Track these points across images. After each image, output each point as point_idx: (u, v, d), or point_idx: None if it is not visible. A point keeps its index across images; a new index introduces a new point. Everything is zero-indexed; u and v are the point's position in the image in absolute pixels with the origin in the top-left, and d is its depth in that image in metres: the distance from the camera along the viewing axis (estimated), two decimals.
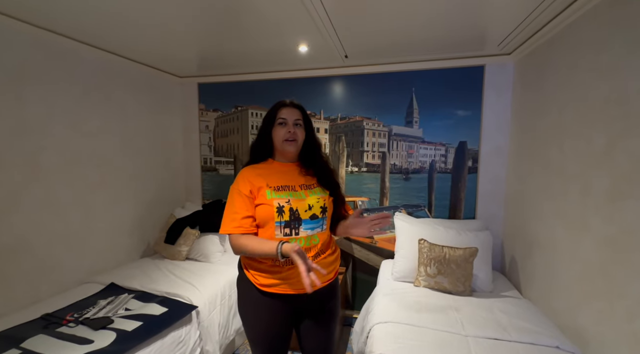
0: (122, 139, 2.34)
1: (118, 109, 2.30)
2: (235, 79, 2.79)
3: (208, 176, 3.00)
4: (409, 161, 2.41)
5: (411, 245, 2.00)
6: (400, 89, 2.37)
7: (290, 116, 1.18)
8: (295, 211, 1.12)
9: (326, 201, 1.18)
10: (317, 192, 1.19)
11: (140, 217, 2.54)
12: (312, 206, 1.15)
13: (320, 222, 1.18)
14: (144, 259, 2.45)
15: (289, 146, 1.18)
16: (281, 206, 1.12)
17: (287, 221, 1.11)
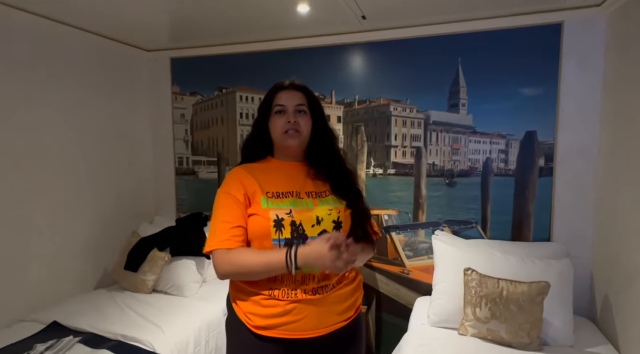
0: (69, 133, 2.39)
1: (63, 93, 2.34)
2: (218, 51, 2.83)
3: (184, 181, 3.06)
4: (454, 159, 2.41)
5: (455, 277, 1.99)
6: (440, 60, 2.35)
7: (290, 101, 1.19)
8: (299, 226, 1.11)
9: (341, 214, 1.18)
10: (329, 202, 1.19)
11: (94, 235, 2.60)
12: (321, 220, 1.14)
13: None
14: (98, 290, 2.49)
15: (290, 139, 1.18)
16: (280, 218, 1.10)
17: (287, 239, 1.10)
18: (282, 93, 1.21)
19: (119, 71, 2.77)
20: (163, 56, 2.97)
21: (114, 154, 2.75)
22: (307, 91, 1.23)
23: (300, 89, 1.23)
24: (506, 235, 2.29)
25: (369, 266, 2.57)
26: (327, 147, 1.25)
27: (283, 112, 1.20)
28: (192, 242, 2.56)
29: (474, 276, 1.89)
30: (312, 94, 1.24)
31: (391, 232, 2.50)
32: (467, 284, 1.88)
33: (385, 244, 2.53)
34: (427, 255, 2.43)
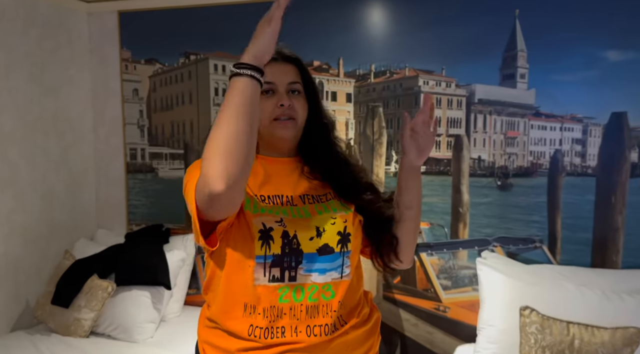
0: None
1: None
2: (185, 2, 2.74)
3: (139, 181, 2.98)
4: (508, 152, 2.37)
5: (509, 318, 1.95)
6: (490, 13, 2.29)
7: (281, 77, 1.19)
8: (293, 239, 1.12)
9: (349, 223, 1.19)
10: (331, 208, 1.21)
11: (11, 256, 2.52)
12: (322, 231, 1.15)
13: (339, 261, 1.17)
14: (16, 333, 2.41)
15: (283, 129, 1.18)
16: (268, 228, 1.11)
17: (277, 256, 1.11)
18: (268, 66, 1.14)
19: (49, 31, 2.68)
20: (108, 9, 2.89)
21: (40, 144, 2.66)
22: (300, 63, 1.24)
23: (293, 61, 1.23)
24: (584, 259, 2.24)
25: (390, 300, 2.53)
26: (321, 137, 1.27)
27: (272, 92, 1.18)
28: (147, 267, 2.49)
29: (533, 318, 1.86)
30: (305, 67, 1.25)
31: (420, 252, 2.46)
32: (525, 329, 1.86)
33: (412, 269, 2.49)
34: (471, 286, 2.38)
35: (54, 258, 2.68)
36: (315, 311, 1.13)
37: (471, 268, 2.36)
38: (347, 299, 1.18)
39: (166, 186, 2.93)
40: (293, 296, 1.11)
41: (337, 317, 1.16)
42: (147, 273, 2.44)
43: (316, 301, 1.13)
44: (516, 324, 1.89)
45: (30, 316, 2.55)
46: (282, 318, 1.11)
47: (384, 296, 2.51)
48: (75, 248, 2.67)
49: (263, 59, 0.97)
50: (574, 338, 1.77)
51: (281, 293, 1.11)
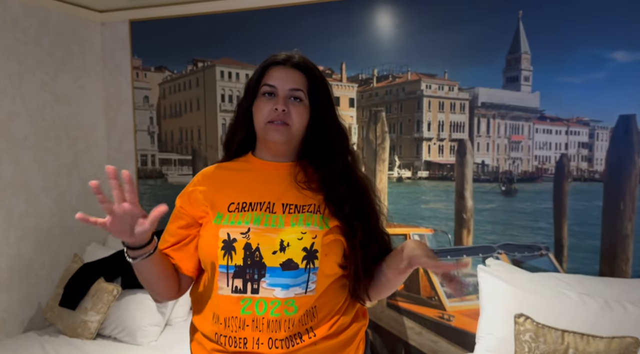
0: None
1: None
2: (193, 10, 2.78)
3: (149, 187, 3.03)
4: (512, 157, 2.34)
5: (507, 325, 1.94)
6: (491, 15, 2.27)
7: (283, 83, 1.20)
8: (255, 251, 1.13)
9: (318, 239, 1.16)
10: (305, 221, 1.18)
11: (24, 259, 2.58)
12: (286, 245, 1.14)
13: (303, 277, 1.16)
14: (27, 334, 2.47)
15: (274, 132, 1.19)
16: (232, 238, 1.13)
17: (239, 267, 1.12)
18: (274, 70, 1.22)
19: (62, 40, 2.76)
20: (120, 18, 2.96)
21: (52, 150, 2.73)
22: (309, 72, 1.23)
23: (301, 68, 1.22)
24: (592, 268, 2.20)
25: (394, 307, 2.51)
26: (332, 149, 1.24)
27: (272, 95, 1.20)
28: None
29: (527, 326, 1.84)
30: (316, 76, 1.23)
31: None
32: (519, 338, 1.85)
33: (416, 276, 2.46)
34: (476, 294, 2.29)
35: (64, 261, 2.74)
36: (277, 325, 1.13)
37: (475, 276, 2.27)
38: (316, 311, 1.17)
39: (175, 192, 2.87)
40: (256, 309, 1.12)
41: (304, 329, 1.15)
42: None
43: (278, 315, 1.12)
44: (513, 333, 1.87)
45: (41, 318, 2.61)
46: (244, 329, 1.12)
47: (388, 304, 2.49)
48: (86, 252, 2.72)
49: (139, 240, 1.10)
50: (568, 347, 1.74)
51: (244, 304, 1.12)
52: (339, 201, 1.20)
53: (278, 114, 1.16)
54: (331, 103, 1.25)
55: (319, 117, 1.22)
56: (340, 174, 1.22)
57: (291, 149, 1.23)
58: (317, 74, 1.23)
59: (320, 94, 1.22)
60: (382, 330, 2.49)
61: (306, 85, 1.20)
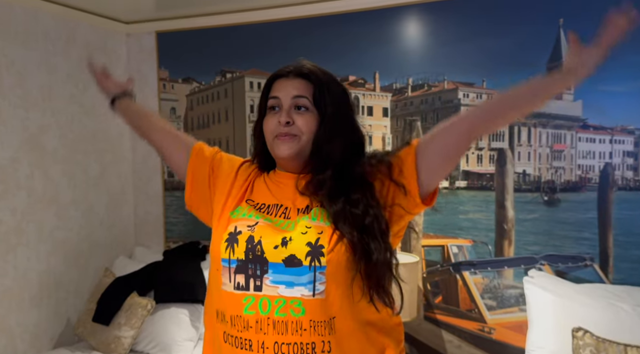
0: (22, 136, 2.42)
1: (14, 84, 2.38)
2: (221, 21, 2.79)
3: (176, 199, 3.01)
4: (555, 166, 2.31)
5: (560, 340, 1.88)
6: (531, 23, 2.25)
7: (287, 93, 1.16)
8: (257, 245, 1.09)
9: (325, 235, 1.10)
10: (312, 216, 1.13)
11: (53, 273, 2.57)
12: (287, 240, 1.09)
13: (309, 276, 1.09)
14: (58, 350, 2.45)
15: (281, 147, 1.15)
16: (237, 231, 1.12)
17: (240, 261, 1.09)
18: (278, 82, 1.19)
19: (90, 51, 2.76)
20: (147, 30, 2.97)
21: (81, 164, 2.74)
22: (314, 78, 1.18)
23: (305, 76, 1.18)
24: (639, 278, 2.15)
25: (432, 320, 2.47)
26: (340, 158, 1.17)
27: (278, 109, 1.16)
28: (185, 284, 2.51)
29: (587, 340, 1.79)
30: (322, 81, 1.18)
31: (463, 271, 2.40)
32: (578, 352, 1.79)
33: (455, 288, 2.43)
34: (517, 306, 2.30)
35: (93, 275, 2.73)
36: (284, 327, 1.07)
37: (517, 288, 2.29)
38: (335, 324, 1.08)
39: None
40: (259, 308, 1.07)
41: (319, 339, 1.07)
42: (186, 290, 2.46)
43: (284, 316, 1.06)
44: (568, 347, 1.81)
45: (71, 334, 2.59)
46: (249, 331, 1.07)
47: (425, 317, 2.45)
48: (115, 266, 2.71)
49: None
50: None
51: (246, 303, 1.07)
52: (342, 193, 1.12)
53: (282, 128, 1.12)
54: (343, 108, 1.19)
55: (327, 125, 1.16)
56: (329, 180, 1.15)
57: (303, 162, 1.18)
58: (324, 78, 1.18)
59: (327, 99, 1.16)
60: (419, 344, 2.45)
61: (311, 92, 1.15)
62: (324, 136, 1.15)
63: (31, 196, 2.44)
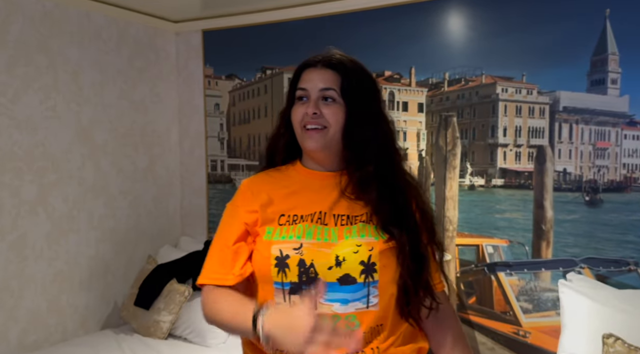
0: (77, 128, 2.55)
1: (69, 80, 2.51)
2: (264, 19, 2.82)
3: (218, 192, 3.08)
4: (598, 165, 2.21)
5: (592, 345, 1.80)
6: (575, 14, 2.16)
7: (314, 84, 1.16)
8: (310, 268, 1.09)
9: (376, 251, 1.11)
10: (359, 233, 1.13)
11: (103, 259, 2.69)
12: (342, 260, 1.10)
13: (363, 292, 1.12)
14: (104, 332, 2.56)
15: (309, 139, 1.15)
16: (284, 255, 1.10)
17: (294, 284, 1.10)
18: (306, 72, 1.20)
19: (139, 51, 2.87)
20: (193, 28, 3.04)
21: (130, 156, 2.84)
22: (342, 68, 1.18)
23: (333, 67, 1.18)
24: None
25: (465, 321, 2.41)
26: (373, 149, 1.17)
27: (305, 99, 1.17)
28: None
29: (618, 347, 1.70)
30: (350, 72, 1.18)
31: (498, 272, 2.34)
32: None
33: (489, 289, 2.36)
34: (554, 310, 2.22)
35: (139, 262, 2.83)
36: None
37: (555, 291, 2.18)
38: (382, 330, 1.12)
39: None
40: None
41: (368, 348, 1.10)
42: None
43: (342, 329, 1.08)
44: None
45: (117, 316, 2.71)
46: None
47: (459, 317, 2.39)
48: (160, 254, 2.79)
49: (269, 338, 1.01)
50: None
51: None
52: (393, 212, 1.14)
53: (310, 118, 1.13)
54: (371, 99, 1.18)
55: (354, 116, 1.15)
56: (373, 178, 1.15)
57: (333, 155, 1.18)
58: (352, 69, 1.17)
59: (355, 90, 1.15)
60: None
61: (339, 83, 1.15)
62: (353, 127, 1.15)
63: (82, 186, 2.56)
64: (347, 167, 1.19)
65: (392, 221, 1.13)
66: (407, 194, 1.17)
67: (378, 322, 1.12)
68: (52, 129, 2.41)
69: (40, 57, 2.35)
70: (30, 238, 2.34)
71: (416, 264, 1.12)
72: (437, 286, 1.20)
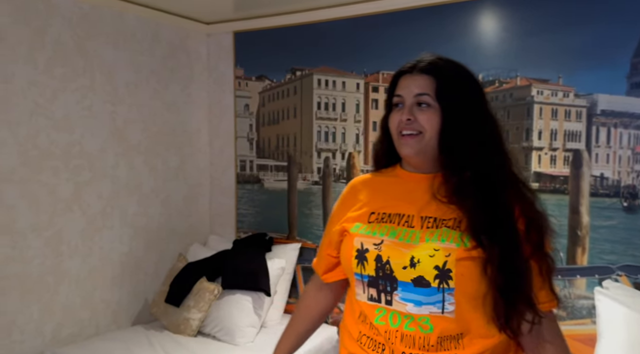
0: (111, 128, 2.59)
1: (105, 81, 2.56)
2: (294, 21, 2.82)
3: (247, 192, 3.11)
4: (636, 170, 2.15)
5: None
6: (614, 15, 2.10)
7: (409, 90, 1.15)
8: (386, 264, 1.11)
9: (452, 259, 1.06)
10: (441, 237, 1.10)
11: (134, 256, 2.73)
12: (416, 262, 1.08)
13: (437, 297, 1.08)
14: (135, 327, 2.60)
15: (405, 147, 1.15)
16: (364, 248, 1.14)
17: (371, 277, 1.13)
18: (402, 79, 1.19)
19: (172, 52, 2.91)
20: (225, 30, 3.06)
21: (162, 155, 2.88)
22: (437, 72, 1.15)
23: (428, 71, 1.15)
24: None
25: None
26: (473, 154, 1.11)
27: (402, 105, 1.17)
28: (249, 272, 2.56)
29: None
30: (445, 75, 1.14)
31: None
32: None
33: None
34: (590, 318, 2.18)
35: (170, 260, 2.86)
36: (412, 340, 1.08)
37: (590, 298, 2.13)
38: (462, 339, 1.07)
39: (270, 197, 3.01)
40: (390, 320, 1.10)
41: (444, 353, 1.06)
42: (249, 279, 2.52)
43: (412, 330, 1.08)
44: None
45: (147, 313, 2.74)
46: (380, 337, 1.11)
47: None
48: (189, 252, 2.82)
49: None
50: None
51: (378, 314, 1.11)
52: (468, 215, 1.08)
53: (404, 125, 1.13)
54: (470, 101, 1.12)
55: (451, 119, 1.11)
56: (470, 184, 1.09)
57: (429, 159, 1.15)
58: (448, 72, 1.13)
59: (451, 93, 1.11)
60: None
61: (434, 88, 1.12)
62: (449, 131, 1.12)
63: (115, 184, 2.60)
64: (443, 171, 1.15)
65: (484, 230, 1.06)
66: (510, 201, 1.09)
67: (456, 330, 1.08)
68: (88, 128, 2.46)
69: (77, 58, 2.39)
70: (66, 235, 2.38)
71: (507, 278, 1.04)
72: (542, 305, 1.07)
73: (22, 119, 2.19)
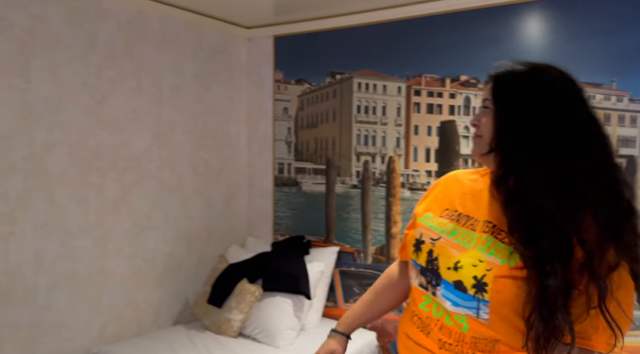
0: (155, 130, 2.62)
1: (150, 84, 2.59)
2: (334, 25, 2.81)
3: (284, 194, 3.10)
4: None
5: None
6: None
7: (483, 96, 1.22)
8: (434, 260, 1.15)
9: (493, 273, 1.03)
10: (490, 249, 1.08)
11: (176, 257, 2.75)
12: (459, 267, 1.10)
13: (473, 303, 1.08)
14: (176, 327, 2.62)
15: (473, 147, 1.22)
16: (421, 240, 1.20)
17: (422, 267, 1.19)
18: None
19: (213, 55, 2.93)
20: (265, 34, 3.07)
21: (203, 158, 2.90)
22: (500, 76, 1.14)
23: (492, 78, 1.16)
24: None
25: None
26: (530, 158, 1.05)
27: None
28: (290, 275, 2.56)
29: None
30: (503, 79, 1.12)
31: None
32: None
33: None
34: None
35: (210, 261, 2.88)
36: (448, 332, 1.11)
37: None
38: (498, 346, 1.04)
39: (308, 200, 3.00)
40: (433, 310, 1.14)
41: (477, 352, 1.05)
42: (290, 282, 2.51)
43: (451, 324, 1.11)
44: None
45: (188, 313, 2.76)
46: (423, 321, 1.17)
47: None
48: (229, 253, 2.82)
49: None
50: None
51: (425, 300, 1.17)
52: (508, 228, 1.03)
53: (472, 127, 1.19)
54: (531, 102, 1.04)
55: (505, 121, 1.08)
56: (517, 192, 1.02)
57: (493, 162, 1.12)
58: (511, 75, 1.09)
59: (506, 95, 1.08)
60: None
61: (491, 93, 1.13)
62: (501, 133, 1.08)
63: (160, 185, 2.62)
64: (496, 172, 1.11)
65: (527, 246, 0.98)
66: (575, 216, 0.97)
67: (491, 336, 1.07)
68: (134, 130, 2.48)
69: (125, 61, 2.42)
70: (113, 235, 2.41)
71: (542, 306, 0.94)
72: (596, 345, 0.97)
73: (74, 120, 2.23)
